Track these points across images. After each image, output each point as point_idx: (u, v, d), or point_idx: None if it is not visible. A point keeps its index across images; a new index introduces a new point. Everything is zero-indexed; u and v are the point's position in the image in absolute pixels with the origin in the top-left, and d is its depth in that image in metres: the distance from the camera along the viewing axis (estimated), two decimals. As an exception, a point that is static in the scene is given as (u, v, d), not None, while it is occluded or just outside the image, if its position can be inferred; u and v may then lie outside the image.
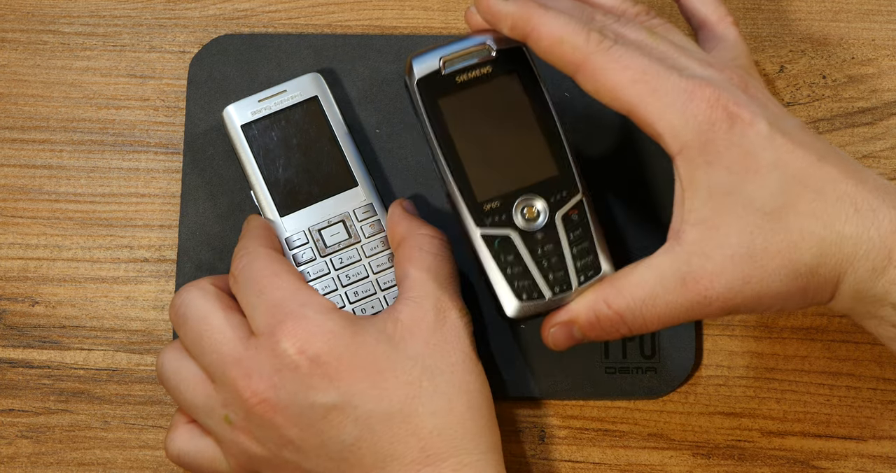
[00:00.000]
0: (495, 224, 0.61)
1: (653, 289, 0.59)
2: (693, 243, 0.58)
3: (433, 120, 0.62)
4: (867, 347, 0.69)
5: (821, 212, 0.57)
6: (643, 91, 0.58)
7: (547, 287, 0.61)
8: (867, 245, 0.57)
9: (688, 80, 0.58)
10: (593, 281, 0.61)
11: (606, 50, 0.59)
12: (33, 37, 0.73)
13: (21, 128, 0.72)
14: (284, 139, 0.68)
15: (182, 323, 0.62)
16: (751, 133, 0.58)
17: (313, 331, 0.59)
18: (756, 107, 0.58)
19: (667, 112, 0.58)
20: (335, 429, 0.58)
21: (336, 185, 0.67)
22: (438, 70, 0.62)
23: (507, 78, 0.63)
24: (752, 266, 0.58)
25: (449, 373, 0.60)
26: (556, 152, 0.62)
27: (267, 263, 0.62)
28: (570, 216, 0.62)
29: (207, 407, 0.61)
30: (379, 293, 0.66)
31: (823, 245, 0.57)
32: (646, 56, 0.59)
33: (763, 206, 0.58)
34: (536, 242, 0.61)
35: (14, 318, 0.69)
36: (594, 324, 0.60)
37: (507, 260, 0.61)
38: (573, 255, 0.62)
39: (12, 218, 0.71)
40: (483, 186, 0.62)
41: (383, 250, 0.66)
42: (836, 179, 0.58)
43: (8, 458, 0.68)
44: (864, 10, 0.73)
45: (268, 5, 0.73)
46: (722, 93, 0.58)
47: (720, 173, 0.58)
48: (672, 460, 0.68)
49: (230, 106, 0.68)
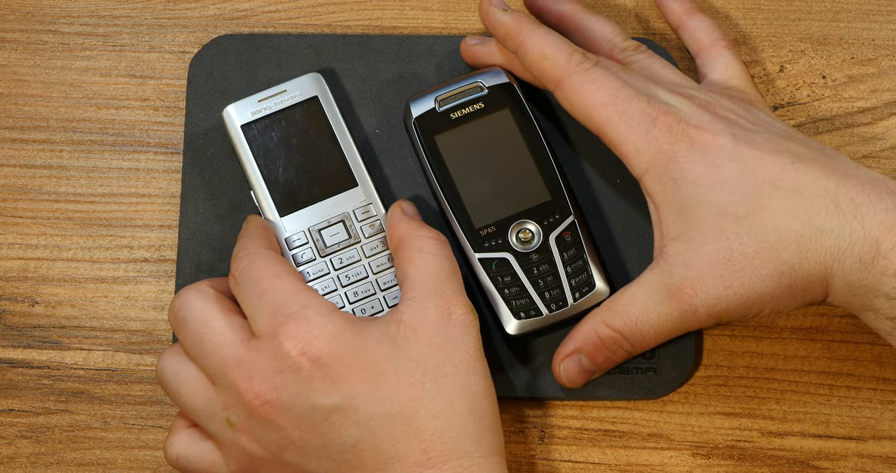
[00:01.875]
0: (492, 248, 0.66)
1: (644, 305, 0.62)
2: (674, 255, 0.61)
3: (430, 154, 0.67)
4: (867, 347, 0.69)
5: (797, 210, 0.59)
6: (612, 113, 0.62)
7: (543, 304, 0.66)
8: (850, 238, 0.58)
9: (653, 106, 0.62)
10: (588, 297, 0.65)
11: (585, 71, 0.63)
12: (33, 37, 0.73)
13: (21, 128, 0.72)
14: (284, 139, 0.67)
15: (182, 326, 0.62)
16: (714, 148, 0.61)
17: (315, 333, 0.59)
18: (721, 125, 0.61)
19: (630, 134, 0.62)
20: (336, 431, 0.58)
21: (336, 186, 0.67)
22: (434, 108, 0.67)
23: (498, 112, 0.67)
24: (732, 269, 0.60)
25: (452, 375, 0.60)
26: (547, 178, 0.67)
27: (267, 264, 0.62)
28: (563, 237, 0.66)
29: (209, 410, 0.61)
30: (379, 293, 0.66)
31: (802, 241, 0.59)
32: (619, 80, 0.63)
33: (735, 212, 0.60)
34: (532, 263, 0.66)
35: (14, 318, 0.69)
36: (599, 346, 0.63)
37: (504, 281, 0.66)
38: (567, 273, 0.66)
39: (12, 218, 0.71)
40: (479, 213, 0.66)
41: (383, 250, 0.66)
42: (815, 178, 0.59)
43: (8, 458, 0.68)
44: (864, 10, 0.73)
45: (268, 5, 0.73)
46: (683, 117, 0.61)
47: (687, 187, 0.61)
48: (672, 460, 0.68)
49: (230, 106, 0.68)
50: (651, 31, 0.73)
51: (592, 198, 0.69)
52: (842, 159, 0.61)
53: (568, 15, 0.70)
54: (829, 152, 0.61)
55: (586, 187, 0.69)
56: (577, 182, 0.69)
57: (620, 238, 0.69)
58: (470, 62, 0.70)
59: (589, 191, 0.69)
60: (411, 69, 0.71)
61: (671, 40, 0.73)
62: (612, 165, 0.69)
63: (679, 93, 0.63)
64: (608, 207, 0.69)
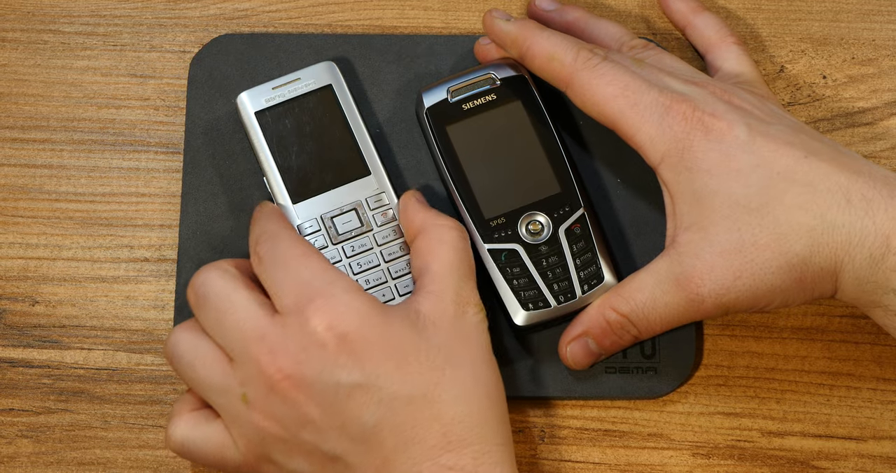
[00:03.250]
0: (502, 239, 0.66)
1: (652, 292, 0.62)
2: (685, 245, 0.61)
3: (442, 145, 0.67)
4: (867, 347, 0.69)
5: (810, 203, 0.59)
6: (624, 105, 0.62)
7: (552, 296, 0.66)
8: (861, 233, 0.58)
9: (666, 95, 0.62)
10: (596, 290, 0.66)
11: (594, 67, 0.63)
12: (33, 36, 0.73)
13: (21, 127, 0.72)
14: (298, 127, 0.68)
15: (202, 302, 0.61)
16: (729, 137, 0.60)
17: (342, 310, 0.59)
18: (736, 115, 0.61)
19: (645, 124, 0.62)
20: (358, 409, 0.58)
21: (349, 173, 0.67)
22: (446, 99, 0.68)
23: (510, 104, 0.68)
24: (742, 260, 0.60)
25: (469, 364, 0.60)
26: (558, 171, 0.67)
27: (293, 244, 0.61)
28: (573, 229, 0.66)
29: (224, 385, 0.60)
30: (390, 281, 0.66)
31: (814, 234, 0.59)
32: (629, 73, 0.63)
33: (748, 203, 0.60)
34: (541, 255, 0.66)
35: (14, 318, 0.69)
36: (606, 330, 0.64)
37: (513, 272, 0.66)
38: (576, 266, 0.66)
39: (12, 217, 0.71)
40: (489, 204, 0.66)
41: (395, 239, 0.66)
42: (827, 173, 0.59)
43: (8, 458, 0.68)
44: (864, 10, 0.74)
45: (268, 5, 0.73)
46: (699, 104, 0.61)
47: (702, 177, 0.60)
48: (672, 460, 0.68)
49: (244, 93, 0.68)
50: (654, 31, 0.73)
51: (602, 191, 0.69)
52: (853, 156, 0.61)
53: (574, 22, 0.70)
54: (841, 149, 0.62)
55: (597, 180, 0.69)
56: (588, 175, 0.69)
57: (630, 231, 0.69)
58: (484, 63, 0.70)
59: (599, 184, 0.69)
60: (412, 69, 0.71)
61: (673, 41, 0.73)
62: (623, 158, 0.69)
63: (693, 82, 0.63)
64: (618, 200, 0.69)
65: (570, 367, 0.66)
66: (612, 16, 0.73)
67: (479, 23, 0.73)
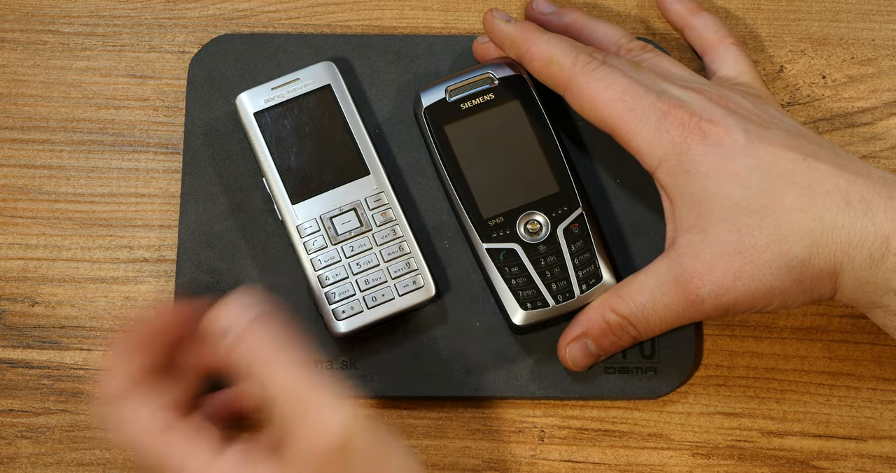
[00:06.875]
0: (500, 238, 0.66)
1: (651, 293, 0.62)
2: (685, 247, 0.61)
3: (440, 144, 0.67)
4: (867, 347, 0.69)
5: (809, 205, 0.59)
6: (622, 109, 0.62)
7: (550, 296, 0.66)
8: (861, 234, 0.58)
9: (664, 101, 0.62)
10: (594, 289, 0.66)
11: (592, 71, 0.63)
12: (33, 37, 0.73)
13: (21, 128, 0.72)
14: (297, 127, 0.68)
15: None
16: (727, 142, 0.61)
17: None
18: (733, 120, 0.61)
19: (642, 129, 0.62)
20: None
21: (348, 174, 0.67)
22: (444, 98, 0.68)
23: (508, 103, 0.68)
24: (742, 261, 0.60)
25: None
26: (556, 170, 0.67)
27: None
28: (571, 229, 0.66)
29: None
30: (390, 282, 0.66)
31: (813, 235, 0.59)
32: (627, 78, 0.63)
33: (748, 206, 0.60)
34: (539, 254, 0.66)
35: (14, 318, 0.69)
36: (605, 331, 0.64)
37: (511, 271, 0.66)
38: (575, 265, 0.66)
39: (12, 218, 0.71)
40: (488, 204, 0.67)
41: (395, 239, 0.66)
42: (826, 175, 0.60)
43: (8, 458, 0.68)
44: (864, 10, 0.74)
45: (267, 5, 0.73)
46: (696, 110, 0.61)
47: (700, 180, 0.61)
48: (672, 460, 0.68)
49: (243, 93, 0.68)
50: (652, 32, 0.73)
51: (601, 191, 0.69)
52: (852, 158, 0.61)
53: (572, 25, 0.70)
54: (840, 151, 0.62)
55: (595, 180, 0.70)
56: (587, 175, 0.70)
57: (628, 231, 0.69)
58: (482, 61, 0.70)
59: (597, 184, 0.69)
60: (411, 69, 0.71)
61: (671, 41, 0.73)
62: (622, 158, 0.69)
63: (690, 88, 0.64)
64: (616, 200, 0.69)
65: (570, 368, 0.66)
66: (610, 17, 0.73)
67: (479, 23, 0.73)
